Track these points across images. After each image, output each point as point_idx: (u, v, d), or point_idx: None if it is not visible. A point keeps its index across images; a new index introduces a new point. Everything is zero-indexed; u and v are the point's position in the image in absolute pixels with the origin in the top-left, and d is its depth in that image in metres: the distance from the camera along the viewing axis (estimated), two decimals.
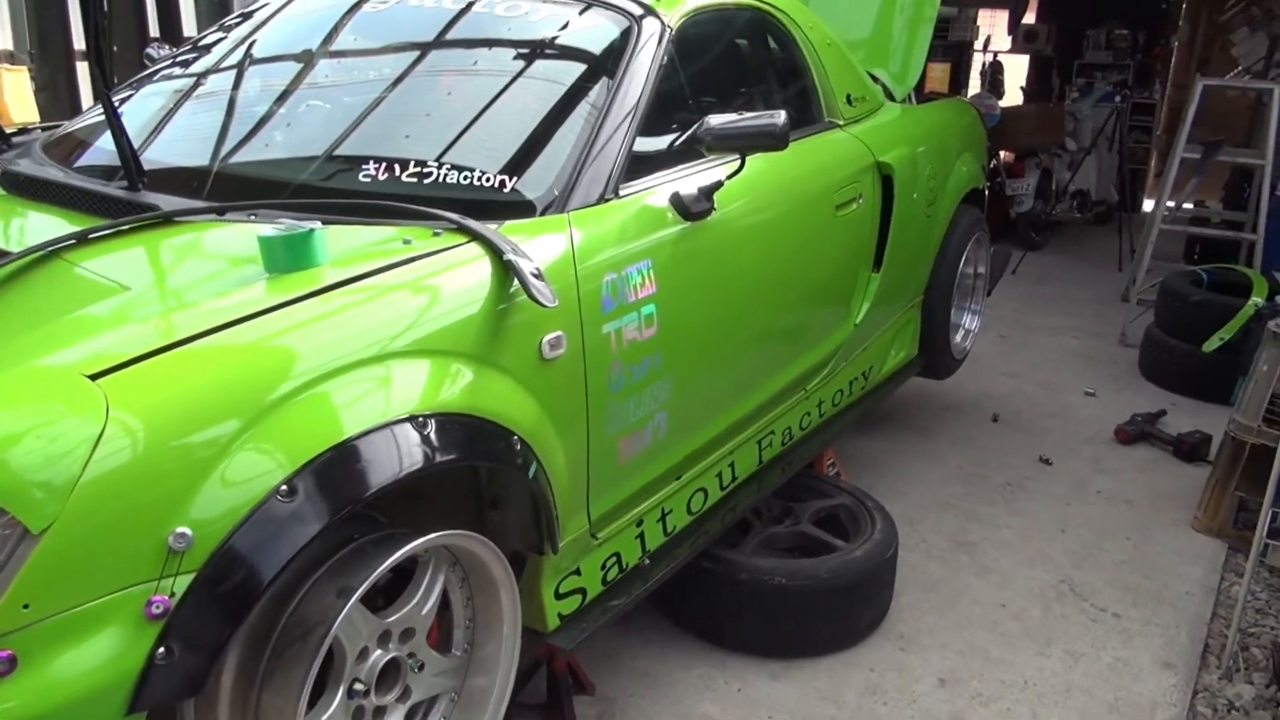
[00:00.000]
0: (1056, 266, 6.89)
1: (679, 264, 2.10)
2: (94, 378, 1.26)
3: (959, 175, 3.58)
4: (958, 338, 3.88)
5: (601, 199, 1.99)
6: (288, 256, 1.56)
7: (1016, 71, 9.78)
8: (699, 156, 2.25)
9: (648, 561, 2.22)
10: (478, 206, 1.88)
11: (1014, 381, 4.67)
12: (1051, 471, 3.75)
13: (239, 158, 2.15)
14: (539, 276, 1.67)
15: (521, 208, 1.91)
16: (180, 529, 1.25)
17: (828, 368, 2.91)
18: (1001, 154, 7.48)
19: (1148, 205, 8.31)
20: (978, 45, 9.07)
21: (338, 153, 2.08)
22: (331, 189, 1.99)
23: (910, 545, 3.14)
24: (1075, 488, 3.63)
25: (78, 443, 1.19)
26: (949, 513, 3.40)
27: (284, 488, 1.33)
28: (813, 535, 2.74)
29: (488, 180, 1.94)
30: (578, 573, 2.01)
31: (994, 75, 8.92)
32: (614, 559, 2.11)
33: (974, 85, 9.08)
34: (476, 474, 1.87)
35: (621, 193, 2.04)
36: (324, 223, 1.65)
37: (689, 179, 2.19)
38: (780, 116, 2.07)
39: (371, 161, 1.99)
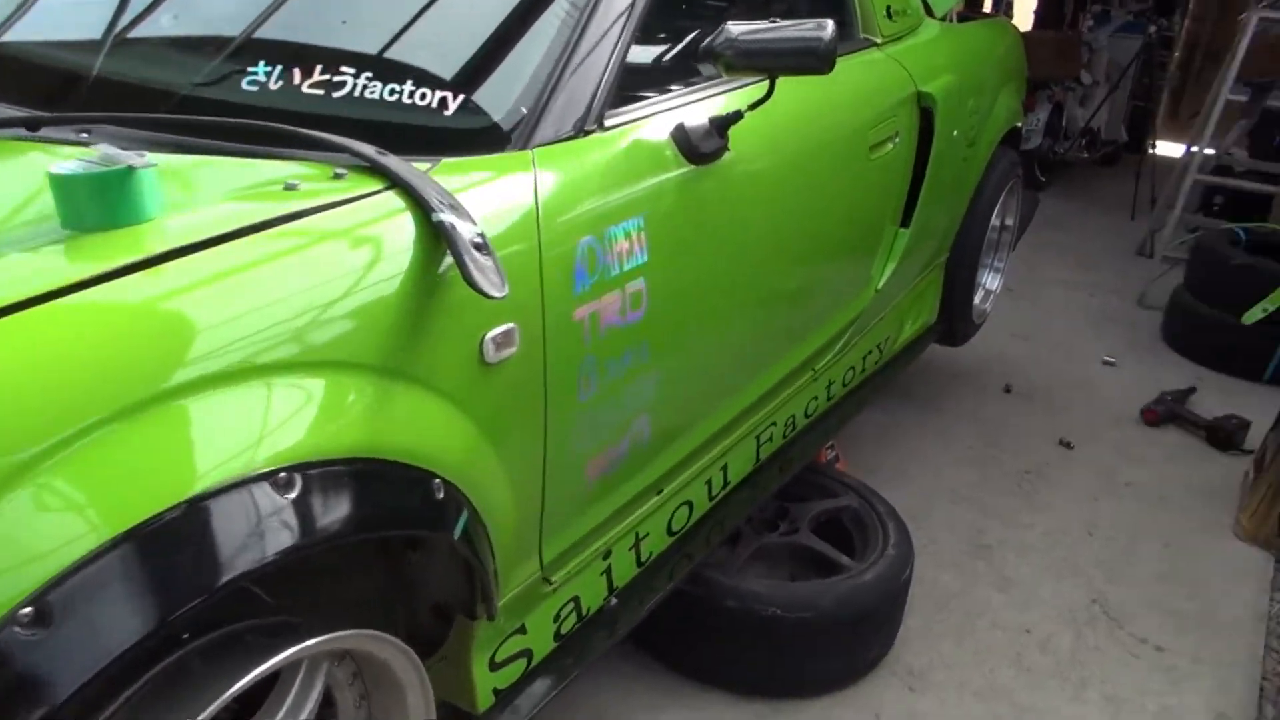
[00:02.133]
0: (1065, 211, 6.37)
1: (679, 221, 1.58)
2: None
3: (1000, 110, 3.04)
4: (977, 299, 3.38)
5: (580, 130, 1.45)
6: (95, 205, 1.02)
7: None
8: (713, 77, 1.70)
9: (614, 602, 1.73)
10: (403, 135, 1.35)
11: (1026, 345, 4.21)
12: (1074, 457, 3.31)
13: (104, 55, 1.56)
14: (482, 248, 1.14)
15: (465, 139, 1.37)
16: None
17: (841, 342, 2.41)
18: None
19: (1159, 149, 7.79)
20: None
21: (219, 51, 1.51)
22: (205, 101, 1.43)
23: (919, 548, 2.67)
24: (1102, 478, 3.19)
25: None
26: (962, 505, 2.95)
27: (25, 611, 0.81)
28: (813, 548, 2.28)
29: (422, 98, 1.39)
30: (522, 630, 1.52)
31: None
32: (571, 605, 1.62)
33: (986, 7, 8.41)
34: None
35: (607, 123, 1.50)
36: (191, 152, 1.10)
37: (697, 107, 1.65)
38: (828, 27, 1.52)
39: (261, 63, 1.43)
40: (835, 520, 2.41)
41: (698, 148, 1.57)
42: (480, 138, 1.38)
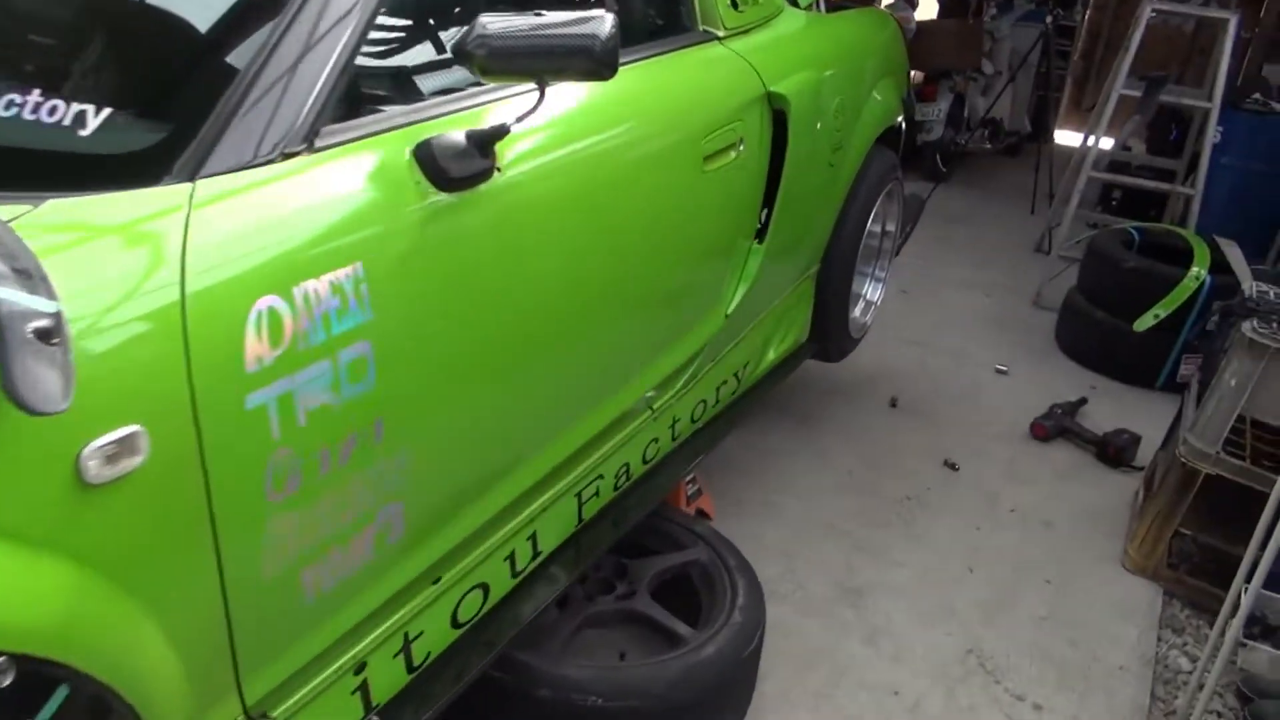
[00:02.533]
0: (966, 203, 6.22)
1: (422, 264, 1.26)
2: None
3: (874, 109, 2.78)
4: (856, 311, 3.13)
5: (280, 154, 1.13)
6: None
7: None
8: (474, 84, 1.39)
9: None
10: (24, 162, 1.02)
11: (917, 351, 3.99)
12: (958, 480, 3.09)
13: None
14: (49, 335, 0.81)
15: (109, 167, 1.04)
16: None
17: (687, 375, 2.13)
18: (911, 74, 6.70)
19: (1059, 137, 7.71)
20: None
21: None
22: None
23: (783, 594, 2.44)
24: (986, 503, 2.98)
25: None
26: (834, 540, 2.71)
27: None
28: (650, 616, 2.00)
29: (51, 112, 1.05)
30: None
31: None
32: None
33: None
34: None
35: (322, 143, 1.18)
36: None
37: (453, 120, 1.33)
38: (605, 22, 1.23)
39: None
40: (683, 577, 2.13)
41: (447, 170, 1.26)
42: (128, 166, 1.05)
